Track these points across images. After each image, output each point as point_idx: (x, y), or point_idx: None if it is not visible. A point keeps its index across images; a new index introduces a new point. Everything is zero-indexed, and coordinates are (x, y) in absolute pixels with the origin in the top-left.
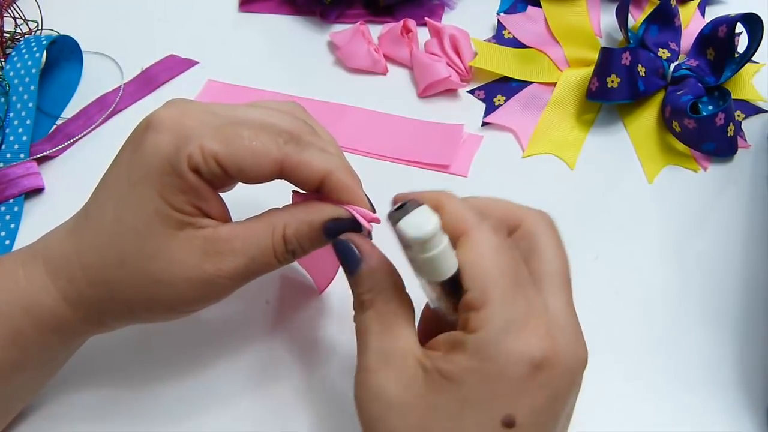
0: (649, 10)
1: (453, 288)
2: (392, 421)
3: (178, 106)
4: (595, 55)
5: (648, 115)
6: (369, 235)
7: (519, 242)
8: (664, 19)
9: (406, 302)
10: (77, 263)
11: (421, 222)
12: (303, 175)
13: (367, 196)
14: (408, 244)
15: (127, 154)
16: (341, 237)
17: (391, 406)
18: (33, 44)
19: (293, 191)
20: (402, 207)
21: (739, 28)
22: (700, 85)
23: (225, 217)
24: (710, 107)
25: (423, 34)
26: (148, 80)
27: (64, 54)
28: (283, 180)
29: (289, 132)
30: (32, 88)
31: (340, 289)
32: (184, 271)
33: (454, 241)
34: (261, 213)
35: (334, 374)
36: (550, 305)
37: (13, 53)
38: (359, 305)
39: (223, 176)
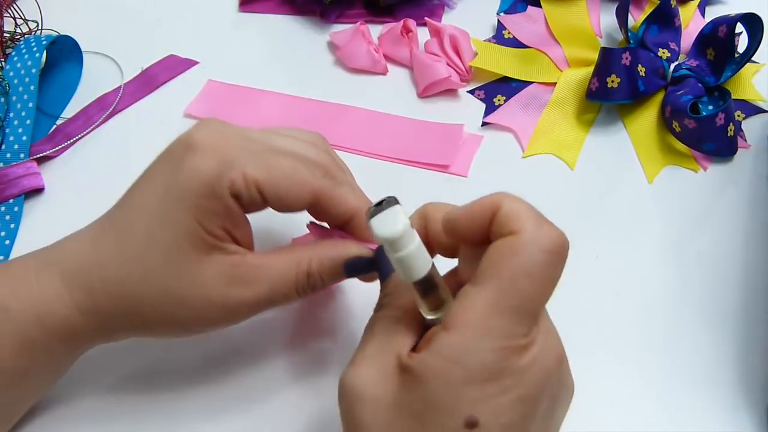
0: (649, 10)
1: (426, 289)
2: (363, 415)
3: (215, 129)
4: (595, 55)
5: (648, 115)
6: None
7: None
8: (664, 19)
9: (417, 313)
10: (97, 274)
11: (391, 221)
12: (337, 210)
13: None
14: (380, 243)
15: (163, 173)
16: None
17: (363, 400)
18: (33, 44)
19: (310, 223)
20: (380, 204)
21: (739, 28)
22: (700, 85)
23: (251, 245)
24: (710, 107)
25: (423, 34)
26: (148, 80)
27: (64, 54)
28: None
29: (323, 166)
30: (32, 88)
31: (340, 296)
32: (208, 293)
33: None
34: (286, 246)
35: (334, 375)
36: (540, 324)
37: (13, 53)
38: (377, 306)
39: (261, 204)
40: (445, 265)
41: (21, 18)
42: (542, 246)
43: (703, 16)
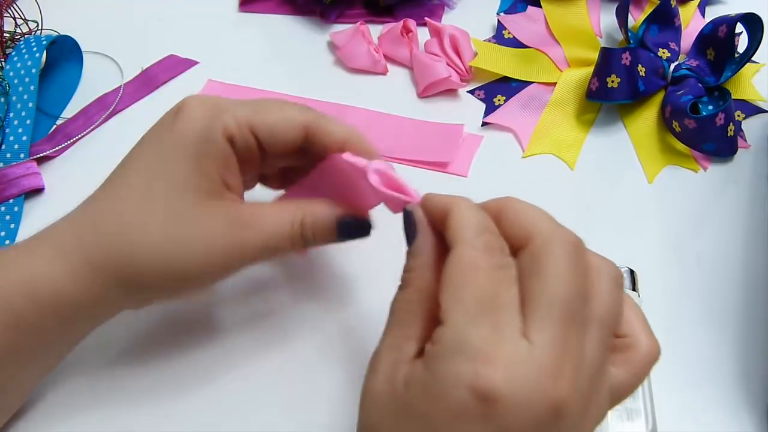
0: (649, 10)
1: None
2: (373, 418)
3: (204, 95)
4: (595, 55)
5: (648, 115)
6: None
7: (522, 261)
8: (664, 19)
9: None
10: (90, 229)
11: None
12: (330, 138)
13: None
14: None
15: (158, 133)
16: (409, 208)
17: (369, 390)
18: (33, 44)
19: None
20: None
21: (739, 28)
22: (700, 85)
23: (242, 197)
24: (710, 107)
25: (423, 34)
26: (148, 80)
27: (64, 54)
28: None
29: (308, 107)
30: (32, 88)
31: (341, 292)
32: (208, 238)
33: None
34: (277, 200)
35: (335, 374)
36: (532, 338)
37: (13, 53)
38: (401, 283)
39: (254, 147)
40: None
41: (21, 18)
42: (479, 245)
43: (703, 16)
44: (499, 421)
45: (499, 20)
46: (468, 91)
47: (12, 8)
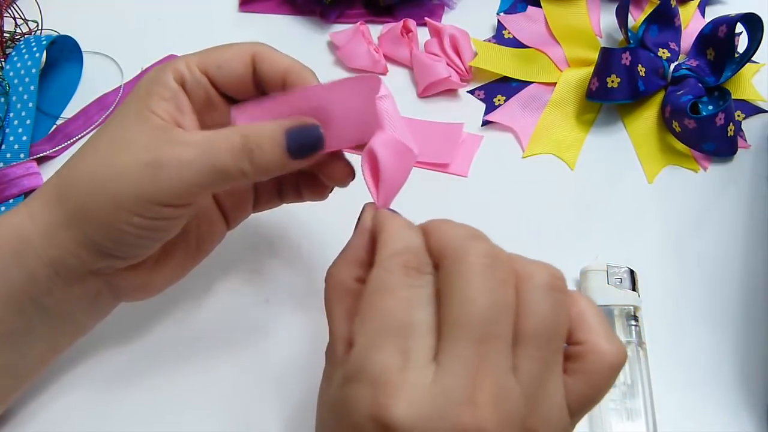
0: (649, 10)
1: None
2: (320, 414)
3: None
4: (595, 55)
5: (648, 115)
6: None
7: (439, 280)
8: (664, 19)
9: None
10: (54, 177)
11: None
12: (274, 65)
13: None
14: None
15: (120, 107)
16: (366, 206)
17: (322, 402)
18: (33, 44)
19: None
20: None
21: (739, 28)
22: (700, 85)
23: None
24: (710, 107)
25: (423, 34)
26: None
27: (64, 54)
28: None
29: (261, 43)
30: (32, 88)
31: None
32: (141, 155)
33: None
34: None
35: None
36: (441, 361)
37: (13, 53)
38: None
39: (207, 84)
40: None
41: (21, 18)
42: (391, 266)
43: (703, 16)
44: None
45: (499, 20)
46: (468, 91)
47: (12, 8)
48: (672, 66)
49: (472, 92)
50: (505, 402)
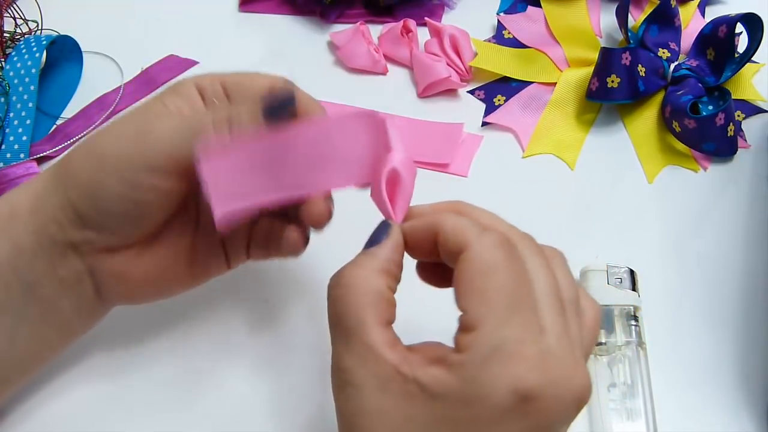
0: (649, 10)
1: None
2: (370, 425)
3: None
4: (595, 55)
5: (648, 115)
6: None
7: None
8: (664, 19)
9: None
10: (61, 158)
11: None
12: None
13: None
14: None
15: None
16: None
17: (368, 411)
18: (33, 44)
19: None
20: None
21: (739, 28)
22: (700, 85)
23: None
24: (710, 107)
25: (423, 34)
26: (148, 80)
27: (64, 54)
28: None
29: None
30: (32, 88)
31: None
32: (127, 126)
33: (456, 257)
34: None
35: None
36: (547, 330)
37: (13, 53)
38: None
39: (222, 97)
40: None
41: (21, 18)
42: (490, 243)
43: (703, 16)
44: (537, 416)
45: (499, 20)
46: (468, 91)
47: (12, 8)
48: (672, 66)
49: (472, 92)
50: (583, 360)
